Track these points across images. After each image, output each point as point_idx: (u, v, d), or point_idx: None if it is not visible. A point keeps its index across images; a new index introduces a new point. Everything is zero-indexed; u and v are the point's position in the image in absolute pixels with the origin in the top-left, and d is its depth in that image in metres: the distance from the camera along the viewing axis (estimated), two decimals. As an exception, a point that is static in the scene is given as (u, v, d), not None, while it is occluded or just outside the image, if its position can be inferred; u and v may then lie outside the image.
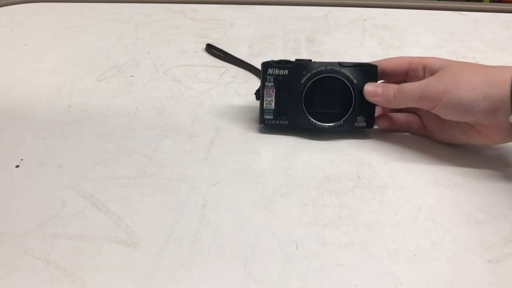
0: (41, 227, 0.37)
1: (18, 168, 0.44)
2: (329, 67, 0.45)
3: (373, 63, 0.47)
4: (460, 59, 0.63)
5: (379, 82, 0.47)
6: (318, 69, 0.45)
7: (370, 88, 0.45)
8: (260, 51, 0.66)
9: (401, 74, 0.47)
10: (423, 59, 0.45)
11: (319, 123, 0.47)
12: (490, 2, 1.28)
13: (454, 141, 0.46)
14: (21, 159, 0.45)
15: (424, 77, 0.44)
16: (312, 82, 0.45)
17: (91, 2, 0.82)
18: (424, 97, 0.42)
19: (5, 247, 0.36)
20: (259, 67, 0.48)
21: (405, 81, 0.46)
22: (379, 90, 0.45)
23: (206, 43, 0.67)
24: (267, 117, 0.47)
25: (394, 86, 0.44)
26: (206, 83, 0.58)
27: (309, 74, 0.45)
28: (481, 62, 0.63)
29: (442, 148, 0.46)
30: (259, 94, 0.47)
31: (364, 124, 0.47)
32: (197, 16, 0.77)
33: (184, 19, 0.76)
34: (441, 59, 0.45)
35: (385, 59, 0.48)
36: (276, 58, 0.64)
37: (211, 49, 0.65)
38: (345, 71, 0.45)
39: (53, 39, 0.69)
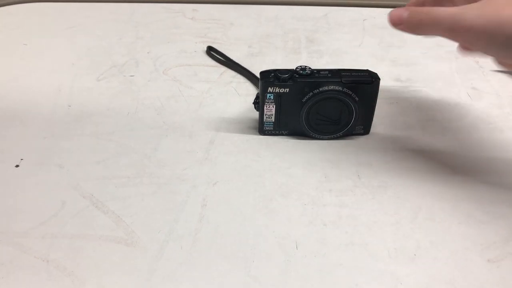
0: (41, 227, 0.37)
1: (18, 168, 0.44)
2: (332, 87, 0.44)
3: None
4: (460, 59, 0.64)
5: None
6: (321, 89, 0.44)
7: (394, 14, 0.37)
8: (260, 51, 0.66)
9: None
10: None
11: (319, 135, 0.47)
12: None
13: None
14: (21, 159, 0.45)
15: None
16: (314, 101, 0.45)
17: (91, 2, 0.82)
18: (456, 29, 0.34)
19: (5, 247, 0.36)
20: (259, 66, 0.48)
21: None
22: (405, 15, 0.37)
23: (206, 43, 0.67)
24: (267, 128, 0.47)
25: (425, 10, 0.36)
26: (206, 83, 0.58)
27: (311, 93, 0.44)
28: (480, 62, 0.63)
29: (442, 148, 0.47)
30: (258, 105, 0.46)
31: (362, 132, 0.48)
32: (197, 16, 0.77)
33: (184, 19, 0.76)
34: None
35: None
36: (276, 58, 0.64)
37: (211, 52, 0.65)
38: (348, 90, 0.44)
39: (53, 39, 0.69)
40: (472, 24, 0.33)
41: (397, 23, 0.38)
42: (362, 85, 0.44)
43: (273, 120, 0.47)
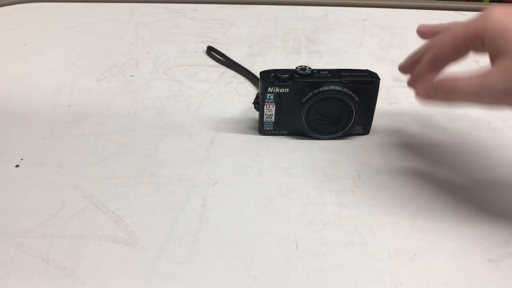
0: (41, 227, 0.37)
1: (18, 168, 0.44)
2: (332, 87, 0.44)
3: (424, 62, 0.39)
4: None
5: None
6: (321, 89, 0.44)
7: (422, 94, 0.37)
8: (260, 51, 0.66)
9: (463, 56, 0.37)
10: (476, 25, 0.34)
11: (319, 135, 0.47)
12: (490, 2, 1.28)
13: None
14: (21, 159, 0.45)
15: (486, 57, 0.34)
16: (314, 101, 0.45)
17: (91, 2, 0.82)
18: (484, 101, 0.34)
19: (5, 247, 0.36)
20: (259, 66, 0.48)
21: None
22: (430, 91, 0.37)
23: (206, 43, 0.67)
24: (267, 128, 0.48)
25: (447, 85, 0.35)
26: (206, 83, 0.58)
27: (311, 93, 0.44)
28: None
29: (442, 148, 0.46)
30: (258, 105, 0.46)
31: (362, 132, 0.48)
32: (197, 16, 0.77)
33: (184, 19, 0.76)
34: (501, 23, 0.33)
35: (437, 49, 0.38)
36: (276, 58, 0.64)
37: (211, 52, 0.65)
38: (348, 90, 0.44)
39: (53, 39, 0.69)
40: (500, 95, 0.33)
41: (426, 102, 0.38)
42: (362, 85, 0.44)
43: (273, 120, 0.47)
